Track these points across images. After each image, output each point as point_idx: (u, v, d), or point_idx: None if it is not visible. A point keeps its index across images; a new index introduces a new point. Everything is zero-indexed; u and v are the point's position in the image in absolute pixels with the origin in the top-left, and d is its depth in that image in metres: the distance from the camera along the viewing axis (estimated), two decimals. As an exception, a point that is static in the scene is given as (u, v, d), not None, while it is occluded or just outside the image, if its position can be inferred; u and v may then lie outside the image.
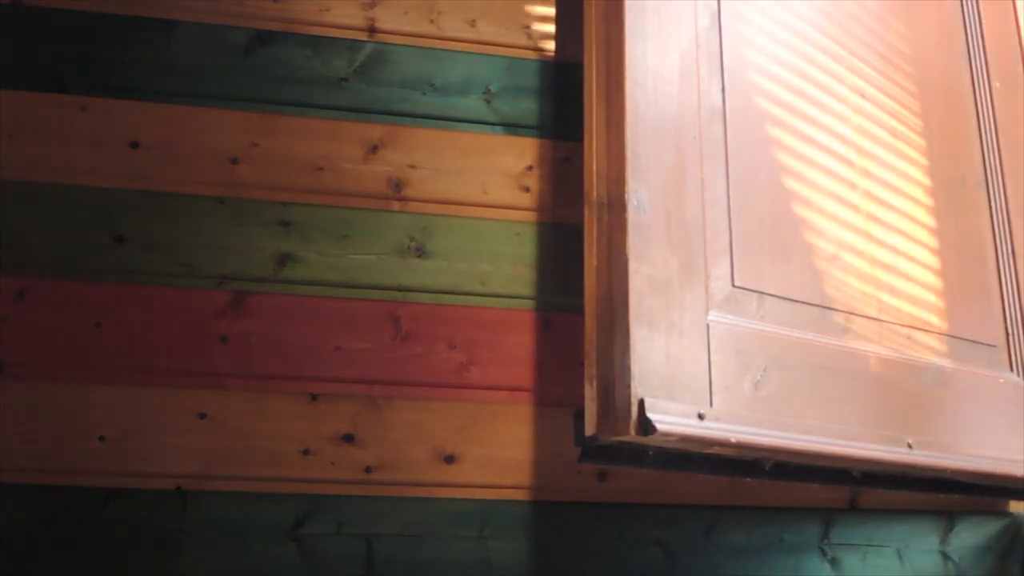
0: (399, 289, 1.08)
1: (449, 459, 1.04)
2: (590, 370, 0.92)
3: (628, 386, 0.87)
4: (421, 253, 1.10)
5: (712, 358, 0.94)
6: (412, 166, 1.13)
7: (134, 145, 1.06)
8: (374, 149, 1.12)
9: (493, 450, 1.06)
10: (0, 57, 1.05)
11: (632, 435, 0.86)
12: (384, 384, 1.05)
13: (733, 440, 0.88)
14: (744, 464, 1.03)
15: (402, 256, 1.09)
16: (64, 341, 0.99)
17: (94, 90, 1.07)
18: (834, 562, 1.14)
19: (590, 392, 0.91)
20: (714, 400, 0.92)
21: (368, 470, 1.02)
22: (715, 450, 0.96)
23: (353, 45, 1.15)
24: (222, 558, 0.96)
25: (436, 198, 1.12)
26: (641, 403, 0.86)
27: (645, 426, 0.84)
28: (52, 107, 1.05)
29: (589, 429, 0.90)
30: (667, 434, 0.84)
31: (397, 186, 1.11)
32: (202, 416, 1.00)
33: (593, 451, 0.96)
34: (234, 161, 1.08)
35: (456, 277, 1.10)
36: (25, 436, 0.96)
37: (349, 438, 1.03)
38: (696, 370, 0.92)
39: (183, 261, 1.04)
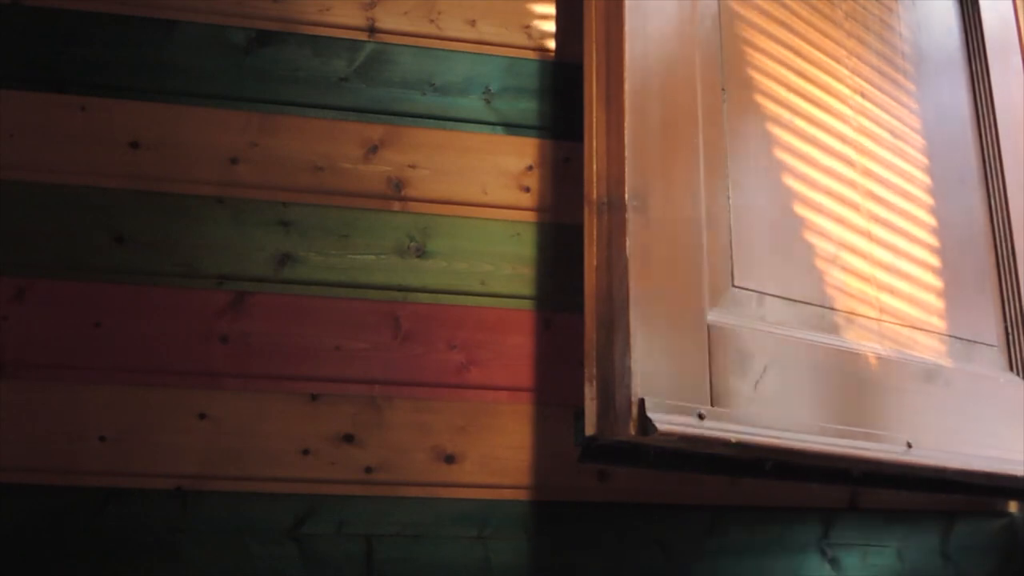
0: (399, 289, 1.08)
1: (449, 459, 1.04)
2: (590, 370, 0.92)
3: (628, 386, 0.87)
4: (421, 253, 1.10)
5: (712, 358, 0.94)
6: (412, 166, 1.13)
7: (134, 145, 1.06)
8: (374, 149, 1.12)
9: (493, 450, 1.06)
10: (0, 57, 1.05)
11: (632, 435, 0.86)
12: (384, 384, 1.05)
13: (733, 440, 0.89)
14: (744, 464, 1.03)
15: (402, 256, 1.09)
16: (64, 341, 0.99)
17: (94, 90, 1.07)
18: (834, 562, 1.14)
19: (590, 392, 0.91)
20: (714, 400, 0.92)
21: (368, 470, 1.02)
22: (715, 450, 0.96)
23: (353, 45, 1.15)
24: (222, 558, 0.96)
25: (436, 198, 1.12)
26: (641, 403, 0.86)
27: (645, 426, 0.84)
28: (52, 107, 1.05)
29: (589, 429, 0.90)
30: (667, 434, 0.84)
31: (397, 186, 1.11)
32: (202, 416, 1.00)
33: (593, 451, 0.96)
34: (234, 161, 1.08)
35: (456, 277, 1.10)
36: (25, 436, 0.96)
37: (349, 438, 1.03)
38: (696, 370, 0.92)
39: (183, 261, 1.04)
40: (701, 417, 0.89)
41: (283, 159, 1.09)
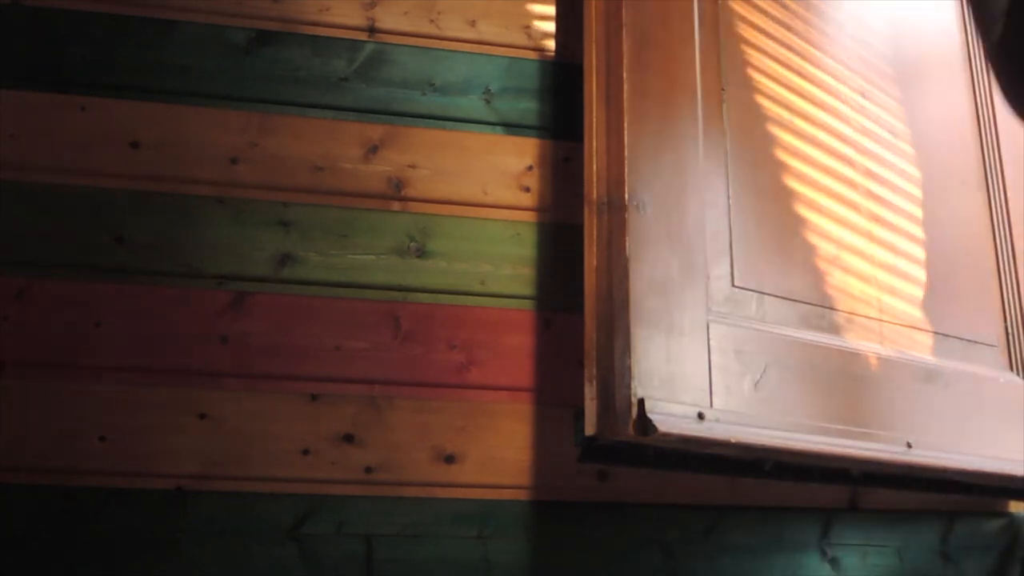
0: (399, 289, 1.08)
1: (449, 459, 1.04)
2: (590, 370, 0.92)
3: (628, 386, 0.87)
4: (421, 253, 1.10)
5: (712, 358, 0.94)
6: (412, 166, 1.13)
7: (134, 145, 1.06)
8: (374, 149, 1.12)
9: (493, 450, 1.06)
10: (0, 57, 1.05)
11: (632, 435, 0.86)
12: (384, 384, 1.05)
13: (733, 440, 0.89)
14: (744, 464, 1.03)
15: (402, 256, 1.09)
16: (64, 341, 0.99)
17: (94, 90, 1.07)
18: (834, 562, 1.14)
19: (590, 392, 0.91)
20: (714, 400, 0.92)
21: (368, 470, 1.02)
22: (715, 450, 0.96)
23: (353, 45, 1.15)
24: (222, 558, 0.96)
25: (436, 198, 1.12)
26: (641, 403, 0.86)
27: (645, 426, 0.84)
28: (52, 107, 1.05)
29: (589, 429, 0.90)
30: (667, 434, 0.84)
31: (397, 186, 1.11)
32: (202, 416, 1.00)
33: (593, 451, 0.96)
34: (234, 161, 1.08)
35: (456, 277, 1.10)
36: (25, 436, 0.96)
37: (349, 438, 1.03)
38: (696, 370, 0.92)
39: (183, 261, 1.04)
40: (701, 417, 0.89)
41: (283, 159, 1.09)
